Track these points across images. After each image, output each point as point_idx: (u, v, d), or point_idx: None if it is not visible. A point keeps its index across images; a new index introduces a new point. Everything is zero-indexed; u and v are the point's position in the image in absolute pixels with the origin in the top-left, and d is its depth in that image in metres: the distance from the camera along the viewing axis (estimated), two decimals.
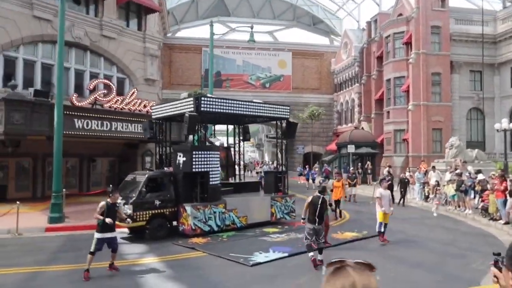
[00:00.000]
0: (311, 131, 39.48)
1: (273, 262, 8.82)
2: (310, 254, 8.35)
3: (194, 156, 11.60)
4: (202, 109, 11.74)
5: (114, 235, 8.19)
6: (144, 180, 11.50)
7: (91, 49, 22.12)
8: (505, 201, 12.79)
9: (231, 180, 16.81)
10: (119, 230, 10.94)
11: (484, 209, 13.99)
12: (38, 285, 7.48)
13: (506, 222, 12.74)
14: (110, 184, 15.25)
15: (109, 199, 8.14)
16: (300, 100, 42.53)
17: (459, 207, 15.83)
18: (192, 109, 11.70)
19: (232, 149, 17.38)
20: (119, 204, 8.75)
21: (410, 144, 29.57)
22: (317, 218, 8.46)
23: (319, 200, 8.60)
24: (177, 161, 12.04)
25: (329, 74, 44.47)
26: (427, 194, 18.94)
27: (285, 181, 14.35)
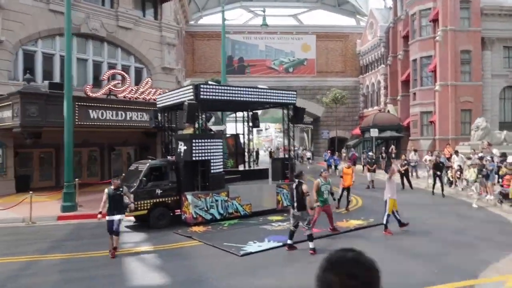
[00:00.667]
0: (335, 116, 38.60)
1: (265, 252, 8.65)
2: (288, 241, 8.31)
3: (194, 144, 11.52)
4: (202, 97, 11.60)
5: (118, 217, 8.76)
6: (144, 169, 11.57)
7: (108, 40, 22.40)
8: None
9: (242, 167, 16.68)
10: (126, 218, 11.22)
11: (504, 195, 13.11)
12: (29, 274, 7.68)
13: None
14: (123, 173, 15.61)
15: (112, 186, 8.89)
16: (324, 84, 41.61)
17: (481, 193, 14.96)
18: (192, 97, 11.60)
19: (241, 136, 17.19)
20: (122, 189, 9.12)
21: (437, 127, 28.26)
22: (295, 203, 8.38)
23: (294, 185, 8.57)
24: (178, 150, 12.02)
25: (355, 56, 43.10)
26: (451, 180, 18.06)
27: (293, 168, 14.05)
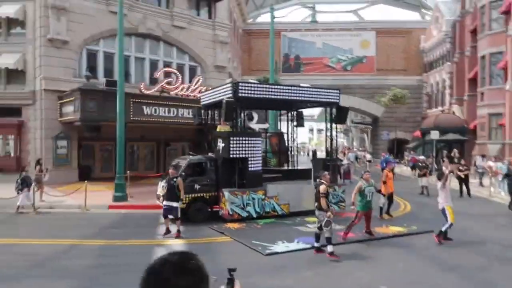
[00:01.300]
0: (396, 116, 36.98)
1: (291, 253, 8.53)
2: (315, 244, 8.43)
3: (232, 142, 11.65)
4: (240, 95, 11.69)
5: (175, 204, 9.83)
6: (184, 165, 11.93)
7: (163, 39, 23.38)
8: None
9: (285, 166, 16.56)
10: None
11: None
12: (68, 256, 8.28)
13: None
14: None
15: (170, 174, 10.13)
16: (384, 83, 39.95)
17: None
18: (230, 95, 11.73)
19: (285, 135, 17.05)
20: (176, 179, 10.13)
21: (507, 130, 25.91)
22: (315, 203, 8.47)
23: (315, 185, 8.72)
24: (217, 147, 12.23)
25: (418, 53, 40.88)
26: None
27: (335, 168, 13.70)
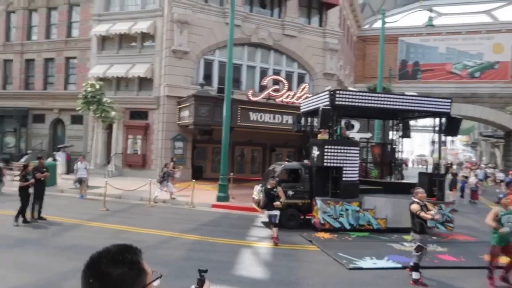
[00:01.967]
0: None
1: (376, 271, 8.10)
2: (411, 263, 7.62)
3: (326, 150, 11.53)
4: (337, 103, 11.51)
5: (274, 213, 10.01)
6: (278, 170, 12.19)
7: (274, 48, 24.19)
8: None
9: (389, 179, 15.69)
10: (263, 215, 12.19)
11: None
12: (164, 247, 9.19)
13: None
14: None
15: (267, 185, 10.24)
16: None
17: None
18: (327, 103, 11.63)
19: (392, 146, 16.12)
20: (276, 189, 10.16)
21: None
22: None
23: None
24: (312, 155, 12.22)
25: None
26: None
27: (442, 185, 12.53)
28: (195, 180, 16.97)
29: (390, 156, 14.96)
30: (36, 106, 26.35)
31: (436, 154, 13.84)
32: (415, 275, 7.34)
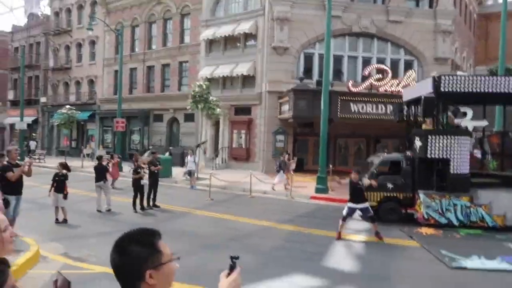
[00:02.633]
0: None
1: (484, 272, 7.30)
2: None
3: (430, 141, 10.70)
4: (442, 90, 10.58)
5: (362, 206, 9.43)
6: (377, 162, 11.70)
7: (377, 35, 23.08)
8: None
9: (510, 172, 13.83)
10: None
11: None
12: (260, 235, 9.60)
13: None
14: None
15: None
16: None
17: None
18: (431, 90, 10.77)
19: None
20: (361, 182, 9.88)
21: None
22: None
23: None
24: (414, 145, 11.45)
25: None
26: None
27: None
28: (296, 172, 17.22)
29: None
30: (155, 107, 29.54)
31: None
32: None
